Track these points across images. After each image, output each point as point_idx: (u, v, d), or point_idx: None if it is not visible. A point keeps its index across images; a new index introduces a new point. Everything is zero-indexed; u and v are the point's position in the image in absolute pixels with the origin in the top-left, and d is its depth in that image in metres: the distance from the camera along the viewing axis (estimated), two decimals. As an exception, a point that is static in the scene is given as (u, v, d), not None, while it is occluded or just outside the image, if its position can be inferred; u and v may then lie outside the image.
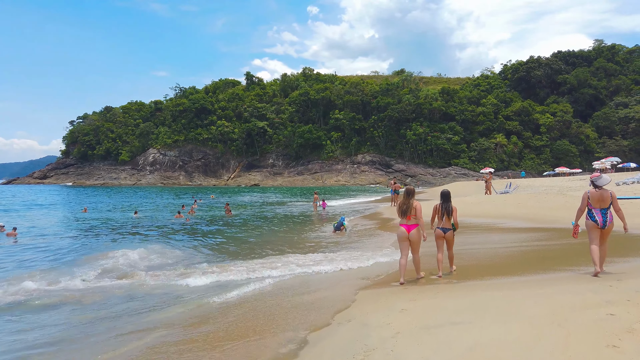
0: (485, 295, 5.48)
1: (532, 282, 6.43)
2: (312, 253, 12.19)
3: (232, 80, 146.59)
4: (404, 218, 7.66)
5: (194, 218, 27.43)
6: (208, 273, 9.56)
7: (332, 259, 10.77)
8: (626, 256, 8.53)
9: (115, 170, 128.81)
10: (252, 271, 9.61)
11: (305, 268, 9.73)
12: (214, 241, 16.18)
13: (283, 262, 10.52)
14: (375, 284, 7.53)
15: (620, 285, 5.43)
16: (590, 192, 7.32)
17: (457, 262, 8.94)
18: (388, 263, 9.77)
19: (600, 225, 7.12)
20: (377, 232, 16.48)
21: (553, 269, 7.72)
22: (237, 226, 22.01)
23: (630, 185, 26.38)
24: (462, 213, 17.16)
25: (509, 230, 13.33)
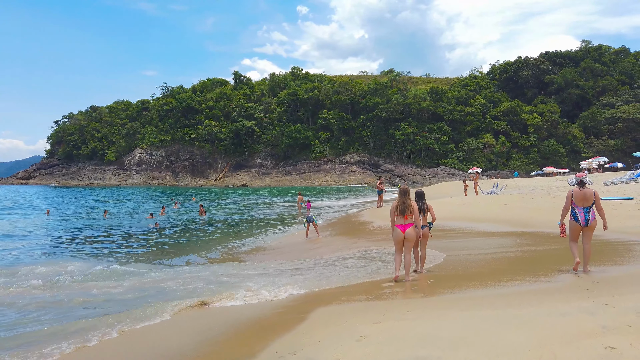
0: (461, 317, 4.70)
1: (516, 297, 5.65)
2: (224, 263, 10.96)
3: (220, 79, 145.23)
4: (401, 217, 7.68)
5: (165, 219, 26.47)
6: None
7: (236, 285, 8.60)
8: (620, 263, 7.83)
9: (100, 170, 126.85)
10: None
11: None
12: (139, 250, 15.47)
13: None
14: (340, 298, 6.80)
15: (617, 302, 4.70)
16: (574, 191, 7.46)
17: (437, 271, 8.24)
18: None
19: (583, 224, 7.31)
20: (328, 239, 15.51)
21: (540, 277, 6.98)
22: (191, 232, 21.07)
23: (619, 185, 25.95)
24: (446, 216, 16.46)
25: (493, 235, 12.58)
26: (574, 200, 7.41)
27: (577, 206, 7.37)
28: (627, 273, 6.88)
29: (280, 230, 20.66)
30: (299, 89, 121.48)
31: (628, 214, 13.64)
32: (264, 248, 15.10)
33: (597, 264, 7.74)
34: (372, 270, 8.97)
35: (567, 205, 7.57)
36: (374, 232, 15.19)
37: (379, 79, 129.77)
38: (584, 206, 7.32)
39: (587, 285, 6.03)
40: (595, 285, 5.98)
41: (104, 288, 8.94)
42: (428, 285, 6.98)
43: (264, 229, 21.38)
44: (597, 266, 7.53)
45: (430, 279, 7.46)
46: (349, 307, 5.88)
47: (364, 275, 8.56)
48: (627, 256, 8.38)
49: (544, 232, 11.86)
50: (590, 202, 7.32)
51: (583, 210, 7.31)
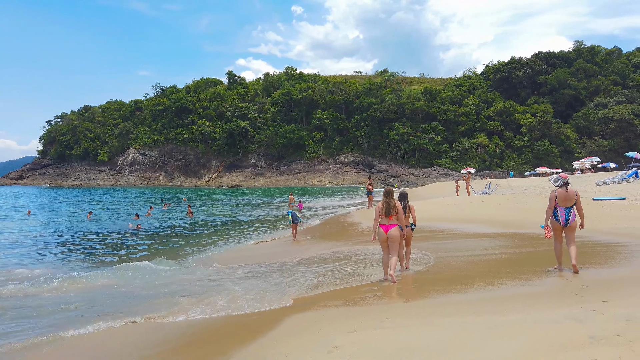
0: (443, 324, 4.45)
1: (503, 302, 5.39)
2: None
3: (214, 79, 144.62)
4: (386, 218, 7.74)
5: (151, 221, 26.04)
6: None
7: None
8: (610, 265, 7.60)
9: (93, 170, 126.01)
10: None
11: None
12: (106, 253, 15.04)
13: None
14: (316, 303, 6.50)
15: (606, 309, 4.47)
16: (558, 191, 7.57)
17: (425, 273, 8.01)
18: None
19: (563, 224, 7.47)
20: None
21: (529, 281, 6.76)
22: (171, 234, 20.40)
23: (611, 185, 25.87)
24: (437, 217, 16.25)
25: (483, 236, 12.30)
26: (558, 200, 7.53)
27: (560, 206, 7.51)
28: (617, 276, 6.66)
29: (263, 231, 20.03)
30: (293, 89, 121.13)
31: (620, 215, 13.47)
32: (239, 251, 14.60)
33: (587, 266, 7.52)
34: (355, 273, 8.68)
35: (551, 206, 7.63)
36: (362, 234, 14.89)
37: (373, 79, 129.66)
38: (566, 206, 7.48)
39: (576, 289, 5.80)
40: (584, 289, 5.74)
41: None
42: (412, 289, 6.72)
43: (246, 231, 20.74)
44: (587, 269, 7.33)
45: (415, 282, 7.20)
46: (327, 314, 5.60)
47: (346, 278, 8.26)
48: (618, 258, 8.16)
49: (534, 233, 11.65)
50: (573, 202, 7.49)
51: (565, 210, 7.48)
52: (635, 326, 3.80)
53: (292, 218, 16.54)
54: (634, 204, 15.21)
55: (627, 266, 7.45)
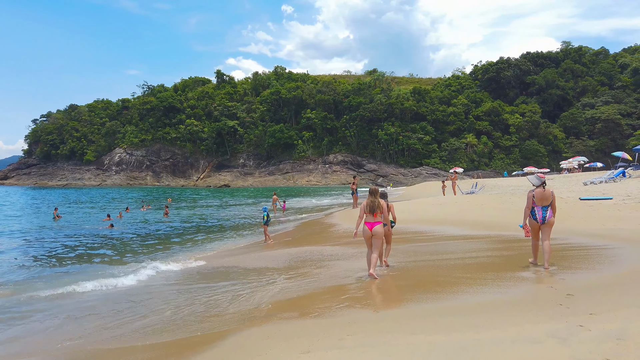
0: (410, 344, 3.89)
1: (479, 314, 4.84)
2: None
3: (202, 78, 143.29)
4: (370, 215, 7.95)
5: (121, 222, 25.18)
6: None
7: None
8: (598, 271, 7.12)
9: (79, 170, 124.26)
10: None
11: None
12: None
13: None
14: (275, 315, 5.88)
15: (594, 324, 3.97)
16: (536, 191, 7.83)
17: (397, 280, 7.50)
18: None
19: (540, 222, 7.78)
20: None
21: (509, 288, 6.24)
22: (129, 239, 18.85)
23: (598, 185, 25.66)
24: (419, 218, 15.72)
25: (465, 238, 11.71)
26: (535, 200, 7.80)
27: (537, 205, 7.79)
28: (604, 282, 6.19)
29: (232, 236, 18.75)
30: (282, 88, 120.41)
31: (607, 215, 13.11)
32: (201, 257, 13.36)
33: (573, 271, 7.08)
34: (322, 279, 8.13)
35: (528, 205, 7.94)
36: (338, 237, 14.26)
37: (363, 78, 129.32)
38: (542, 205, 7.76)
39: (560, 298, 5.29)
40: (569, 299, 5.23)
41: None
42: (383, 297, 6.15)
43: (215, 234, 19.57)
44: (572, 273, 6.88)
45: (388, 289, 6.65)
46: (282, 329, 5.02)
47: (312, 284, 7.71)
48: (606, 262, 7.68)
49: (518, 235, 11.10)
50: (549, 201, 7.78)
51: (542, 209, 7.77)
52: (627, 346, 3.31)
53: (267, 218, 15.72)
54: (622, 203, 14.88)
55: (616, 272, 6.97)
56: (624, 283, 6.10)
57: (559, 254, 8.76)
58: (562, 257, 8.32)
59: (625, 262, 7.63)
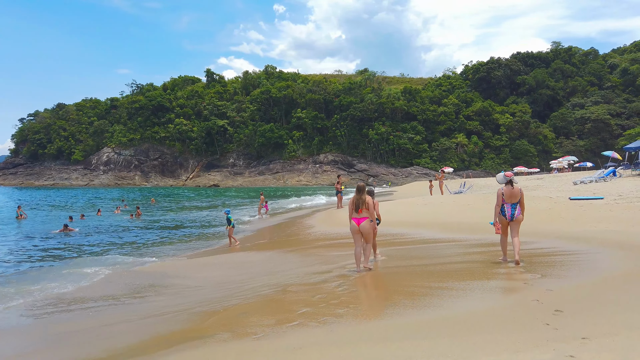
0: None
1: (449, 335, 4.08)
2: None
3: (192, 77, 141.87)
4: (356, 212, 8.22)
5: (83, 224, 24.02)
6: None
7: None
8: (591, 282, 6.36)
9: (66, 170, 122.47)
10: None
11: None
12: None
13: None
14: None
15: (587, 354, 3.26)
16: (504, 189, 8.09)
17: (366, 287, 6.77)
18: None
19: (509, 218, 8.02)
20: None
21: (486, 301, 5.50)
22: (78, 244, 17.44)
23: (588, 184, 25.18)
24: (400, 220, 14.94)
25: (445, 241, 11.00)
26: (504, 197, 8.03)
27: (506, 203, 8.04)
28: (598, 295, 5.43)
29: (197, 241, 17.29)
30: (272, 87, 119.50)
31: (599, 216, 12.50)
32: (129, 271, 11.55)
33: (562, 279, 6.37)
34: (276, 291, 7.29)
35: (498, 203, 8.17)
36: (313, 240, 13.39)
37: (353, 78, 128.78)
38: (511, 202, 8.00)
39: (547, 315, 4.53)
40: (558, 316, 4.50)
41: None
42: (341, 313, 5.24)
43: (178, 238, 18.35)
44: (561, 283, 6.16)
45: (348, 304, 5.71)
46: (210, 355, 4.25)
47: (261, 298, 6.85)
48: (598, 270, 6.85)
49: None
50: (517, 198, 8.02)
51: (511, 206, 8.01)
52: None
53: (228, 220, 14.82)
54: (613, 204, 14.31)
55: (610, 281, 6.25)
56: (620, 295, 5.40)
57: (546, 259, 8.07)
58: (549, 264, 7.63)
59: (620, 270, 6.92)
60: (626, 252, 8.16)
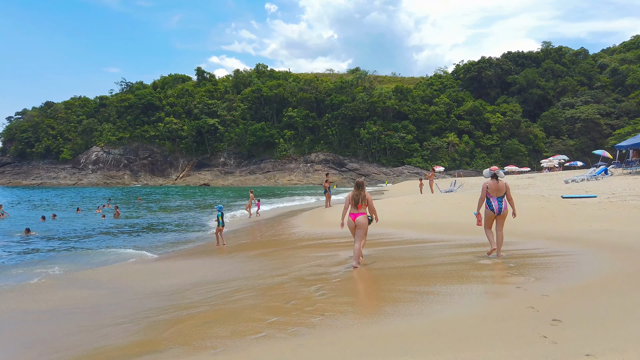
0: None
1: (435, 349, 3.60)
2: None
3: (182, 75, 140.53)
4: (355, 208, 8.30)
5: (53, 224, 23.14)
6: None
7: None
8: (591, 287, 5.87)
9: (54, 169, 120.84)
10: None
11: None
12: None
13: None
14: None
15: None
16: (489, 183, 8.27)
17: (337, 292, 6.20)
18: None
19: (496, 212, 8.15)
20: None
21: (476, 308, 4.95)
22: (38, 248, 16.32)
23: (580, 183, 24.90)
24: (385, 220, 14.33)
25: (434, 241, 10.41)
26: (489, 191, 8.22)
27: (492, 196, 8.19)
28: (601, 306, 4.73)
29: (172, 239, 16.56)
30: (263, 86, 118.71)
31: (593, 214, 12.10)
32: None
33: (559, 284, 5.87)
34: (248, 297, 6.69)
35: (482, 197, 8.35)
36: (296, 240, 12.75)
37: (345, 77, 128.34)
38: (497, 196, 8.16)
39: (544, 326, 3.97)
40: (556, 327, 3.98)
41: None
42: (311, 324, 4.57)
43: (155, 238, 17.51)
44: (557, 287, 5.64)
45: (318, 312, 5.14)
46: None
47: (236, 304, 6.23)
48: (596, 274, 6.31)
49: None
50: (503, 192, 8.18)
51: (497, 199, 8.14)
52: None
53: (222, 218, 14.27)
54: (607, 202, 13.93)
55: (613, 287, 5.61)
56: (625, 301, 4.85)
57: (540, 261, 7.52)
58: (544, 266, 7.06)
59: (622, 273, 6.38)
60: (626, 254, 7.67)
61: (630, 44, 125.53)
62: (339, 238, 11.36)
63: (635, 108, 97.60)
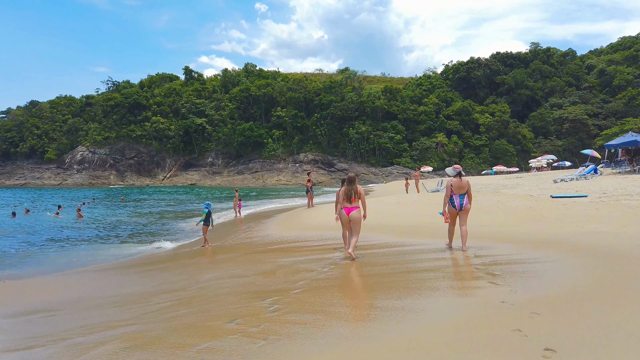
0: None
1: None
2: None
3: (170, 74, 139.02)
4: (348, 202, 8.57)
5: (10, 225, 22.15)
6: None
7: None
8: (586, 303, 5.15)
9: (38, 169, 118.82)
10: None
11: None
12: None
13: None
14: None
15: None
16: (454, 181, 8.56)
17: (290, 307, 5.39)
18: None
19: (458, 208, 8.49)
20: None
21: (455, 332, 4.18)
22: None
23: (569, 182, 24.33)
24: (365, 223, 13.52)
25: (412, 245, 9.35)
26: (453, 189, 8.56)
27: (455, 194, 8.54)
28: (606, 331, 3.84)
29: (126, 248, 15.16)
30: (251, 85, 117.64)
31: (585, 215, 11.39)
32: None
33: (550, 299, 5.12)
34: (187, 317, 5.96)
35: (448, 194, 8.63)
36: (258, 245, 11.73)
37: (334, 77, 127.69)
38: (459, 193, 8.52)
39: (535, 356, 3.30)
40: (550, 358, 3.22)
41: None
42: (246, 351, 3.84)
43: (116, 242, 16.39)
44: (549, 304, 4.90)
45: (260, 336, 4.23)
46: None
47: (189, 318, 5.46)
48: (598, 284, 5.72)
49: (470, 246, 8.70)
50: (465, 189, 8.48)
51: (459, 196, 8.51)
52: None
53: (206, 217, 13.46)
54: (599, 202, 13.25)
55: (618, 305, 4.57)
56: (630, 323, 3.95)
57: (528, 269, 6.54)
58: (533, 275, 6.07)
59: (629, 287, 5.33)
60: (629, 259, 6.71)
61: (617, 45, 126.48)
62: (311, 241, 10.55)
63: (622, 109, 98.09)
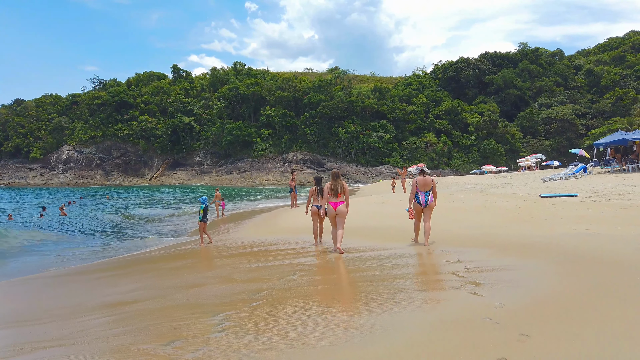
0: None
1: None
2: None
3: (158, 73, 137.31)
4: (334, 197, 8.93)
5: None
6: None
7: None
8: (585, 318, 4.53)
9: (23, 168, 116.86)
10: None
11: None
12: None
13: None
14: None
15: None
16: (418, 179, 8.89)
17: (243, 325, 4.75)
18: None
19: (423, 205, 8.82)
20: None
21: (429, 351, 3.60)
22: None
23: (558, 181, 23.94)
24: (354, 226, 12.91)
25: (388, 249, 8.75)
26: (418, 186, 8.89)
27: (420, 191, 8.88)
28: (600, 345, 3.36)
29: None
30: (240, 84, 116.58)
31: (576, 215, 10.86)
32: None
33: (541, 315, 4.53)
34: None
35: (413, 192, 8.94)
36: (229, 248, 11.07)
37: (324, 76, 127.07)
38: (424, 191, 8.86)
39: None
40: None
41: None
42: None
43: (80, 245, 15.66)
44: (540, 318, 4.30)
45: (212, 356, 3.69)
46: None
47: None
48: (601, 295, 5.10)
49: (443, 251, 8.04)
50: (429, 187, 8.83)
51: (424, 194, 8.84)
52: None
53: (204, 213, 12.89)
54: (589, 201, 12.76)
55: (625, 323, 3.85)
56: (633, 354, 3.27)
57: (515, 277, 5.79)
58: (522, 285, 5.35)
59: (623, 297, 4.67)
60: (628, 266, 6.05)
61: (604, 46, 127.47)
62: (285, 244, 9.86)
63: (609, 109, 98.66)
